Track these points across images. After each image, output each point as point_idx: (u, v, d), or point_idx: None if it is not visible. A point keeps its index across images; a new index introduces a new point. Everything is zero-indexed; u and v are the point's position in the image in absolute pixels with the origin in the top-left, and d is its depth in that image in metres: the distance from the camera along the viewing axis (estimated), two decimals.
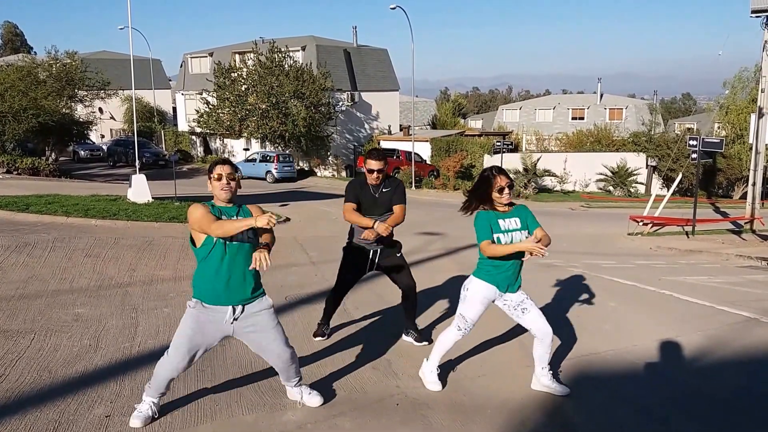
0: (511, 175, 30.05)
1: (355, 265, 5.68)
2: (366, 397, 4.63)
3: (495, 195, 4.49)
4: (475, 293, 4.65)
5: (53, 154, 31.53)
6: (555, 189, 34.25)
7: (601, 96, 59.30)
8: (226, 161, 4.21)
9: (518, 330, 6.23)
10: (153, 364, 5.03)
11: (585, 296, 7.89)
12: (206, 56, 44.33)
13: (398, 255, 5.73)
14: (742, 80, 33.21)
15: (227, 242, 3.94)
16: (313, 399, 4.42)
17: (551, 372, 4.77)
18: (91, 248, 9.07)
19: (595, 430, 4.26)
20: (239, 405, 4.38)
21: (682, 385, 5.07)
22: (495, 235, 4.48)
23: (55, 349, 5.26)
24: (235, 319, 4.01)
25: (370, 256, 5.62)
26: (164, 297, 7.09)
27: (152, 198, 15.07)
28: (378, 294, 7.55)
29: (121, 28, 35.02)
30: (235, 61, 39.06)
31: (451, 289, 7.98)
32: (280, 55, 35.71)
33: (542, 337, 4.63)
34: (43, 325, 5.82)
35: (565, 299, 7.65)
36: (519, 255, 4.50)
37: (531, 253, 4.33)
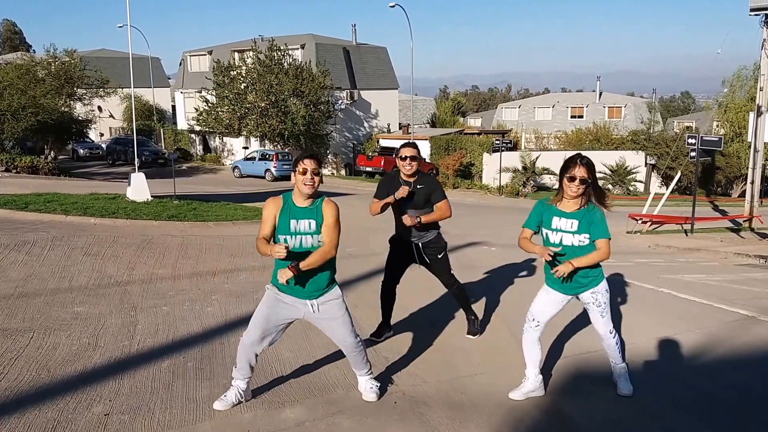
0: (509, 174, 29.63)
1: (398, 256, 5.77)
2: (372, 401, 4.63)
3: (565, 182, 4.32)
4: (542, 294, 4.64)
5: (52, 152, 31.49)
6: (554, 187, 34.22)
7: (600, 94, 59.32)
8: (312, 156, 4.23)
9: (517, 329, 6.24)
10: (152, 363, 5.07)
11: None
12: (205, 54, 44.30)
13: (439, 256, 5.74)
14: (741, 78, 33.21)
15: (291, 245, 4.09)
16: (369, 394, 4.53)
17: (623, 369, 4.77)
18: (90, 247, 9.07)
19: (592, 428, 4.27)
20: (232, 405, 4.38)
21: (680, 382, 5.08)
22: (544, 231, 4.42)
23: (54, 348, 5.26)
24: (312, 310, 4.28)
25: (413, 249, 5.68)
26: (163, 295, 7.09)
27: (151, 196, 15.05)
28: (377, 292, 7.54)
29: (120, 26, 34.91)
30: (234, 59, 39.01)
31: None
32: (279, 53, 35.68)
33: (600, 337, 4.66)
34: (42, 324, 5.83)
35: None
36: (572, 256, 4.33)
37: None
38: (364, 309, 6.78)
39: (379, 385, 4.60)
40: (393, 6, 32.78)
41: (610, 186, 35.40)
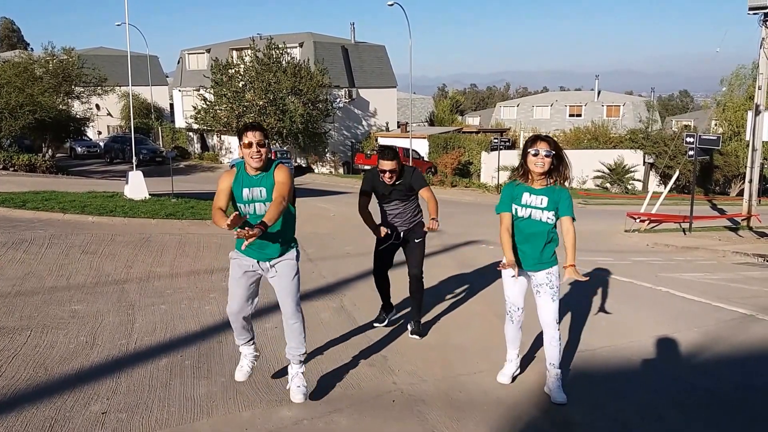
0: (508, 172, 29.74)
1: (386, 241, 5.83)
2: (362, 393, 4.63)
3: (530, 158, 4.35)
4: (505, 270, 4.55)
5: (50, 150, 31.40)
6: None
7: (599, 93, 59.30)
8: (256, 126, 4.15)
9: None
10: (149, 361, 5.06)
11: (581, 293, 7.89)
12: (203, 52, 44.25)
13: (417, 240, 5.82)
14: (740, 77, 33.27)
15: (245, 212, 4.21)
16: (297, 395, 4.31)
17: (560, 375, 4.64)
18: (88, 245, 9.05)
19: (590, 426, 4.27)
20: (235, 401, 4.38)
21: (678, 381, 5.07)
22: (514, 206, 4.43)
23: (51, 346, 5.25)
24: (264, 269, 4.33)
25: (393, 235, 5.81)
26: (161, 294, 7.08)
27: (149, 195, 15.02)
28: (375, 290, 7.53)
29: (118, 25, 34.93)
30: (232, 57, 38.99)
31: (448, 285, 7.99)
32: (277, 51, 35.67)
33: (543, 327, 4.58)
34: (39, 322, 5.81)
35: (561, 295, 7.63)
36: (539, 232, 4.41)
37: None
38: (363, 307, 6.77)
39: (305, 385, 4.40)
40: (392, 4, 32.73)
41: (608, 185, 35.42)
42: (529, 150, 4.37)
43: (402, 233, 5.81)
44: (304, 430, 4.05)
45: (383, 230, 5.74)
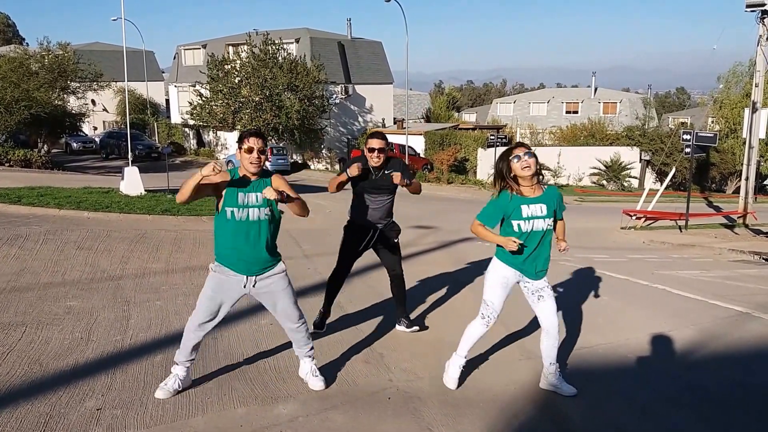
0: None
1: (356, 242, 5.68)
2: (358, 390, 4.63)
3: (514, 166, 4.25)
4: (494, 274, 4.52)
5: (45, 146, 31.36)
6: (548, 183, 34.27)
7: (596, 90, 59.30)
8: (258, 133, 4.23)
9: (512, 325, 6.24)
10: (145, 358, 5.05)
11: (577, 290, 7.90)
12: (199, 48, 44.13)
13: (395, 240, 5.74)
14: (736, 75, 33.26)
15: (238, 217, 4.15)
16: (316, 382, 4.53)
17: (560, 370, 4.69)
18: (84, 241, 9.02)
19: (586, 423, 4.27)
20: (231, 398, 4.37)
21: (674, 378, 5.08)
22: (515, 222, 4.31)
23: (46, 342, 5.23)
24: (252, 285, 4.30)
25: (370, 234, 5.64)
26: (156, 290, 7.06)
27: (145, 190, 15.00)
28: (371, 287, 7.54)
29: (114, 20, 34.84)
30: (228, 53, 38.89)
31: (444, 282, 7.99)
32: (273, 47, 35.56)
33: (548, 328, 4.52)
34: (34, 318, 5.79)
35: (558, 293, 7.65)
36: (540, 240, 4.36)
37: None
38: (359, 304, 6.77)
39: (320, 373, 4.61)
40: (388, 0, 32.66)
41: (604, 182, 35.45)
42: (511, 159, 4.26)
43: (379, 230, 5.65)
44: (299, 426, 4.03)
45: (356, 166, 5.36)
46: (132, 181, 14.99)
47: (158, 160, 33.53)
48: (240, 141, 4.18)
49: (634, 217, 17.68)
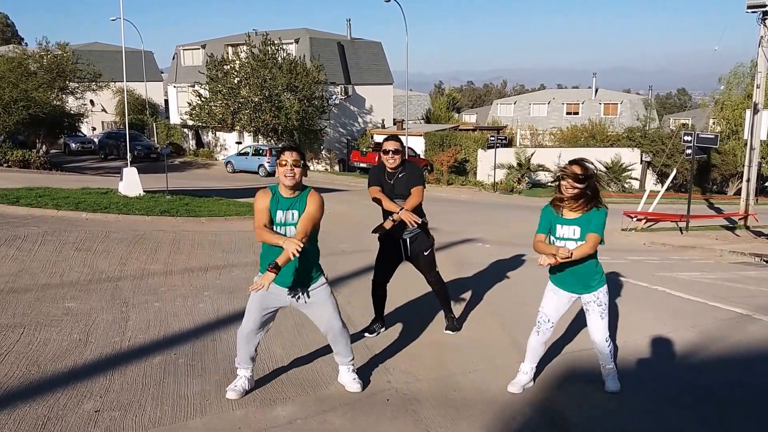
0: (504, 170, 29.71)
1: (389, 254, 5.74)
2: (356, 391, 4.60)
3: (562, 183, 4.31)
4: (548, 285, 4.67)
5: (44, 146, 31.33)
6: (549, 184, 34.26)
7: (596, 91, 59.29)
8: (294, 148, 4.38)
9: (511, 327, 6.23)
10: (143, 359, 5.03)
11: None
12: (199, 48, 44.10)
13: (425, 253, 5.72)
14: (738, 76, 33.25)
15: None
16: (354, 385, 4.58)
17: (614, 371, 4.75)
18: (82, 242, 9.00)
19: (586, 425, 4.25)
20: (229, 400, 4.35)
21: (674, 380, 5.06)
22: (551, 238, 4.46)
23: (44, 344, 5.21)
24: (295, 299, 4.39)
25: (400, 245, 5.67)
26: (155, 291, 7.04)
27: (143, 191, 14.94)
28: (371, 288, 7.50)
29: (113, 20, 34.85)
30: (227, 53, 38.87)
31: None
32: (273, 47, 35.55)
33: (593, 343, 4.66)
34: (32, 320, 5.77)
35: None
36: (578, 262, 4.37)
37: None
38: (357, 305, 6.74)
39: (359, 378, 4.66)
40: (388, 1, 32.65)
41: (605, 183, 35.43)
42: (563, 177, 4.32)
43: (408, 242, 5.64)
44: (297, 428, 4.02)
45: (389, 222, 5.43)
46: (131, 182, 14.94)
47: (157, 160, 33.49)
48: (277, 156, 4.32)
49: (634, 219, 17.66)
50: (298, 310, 4.54)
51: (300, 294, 4.37)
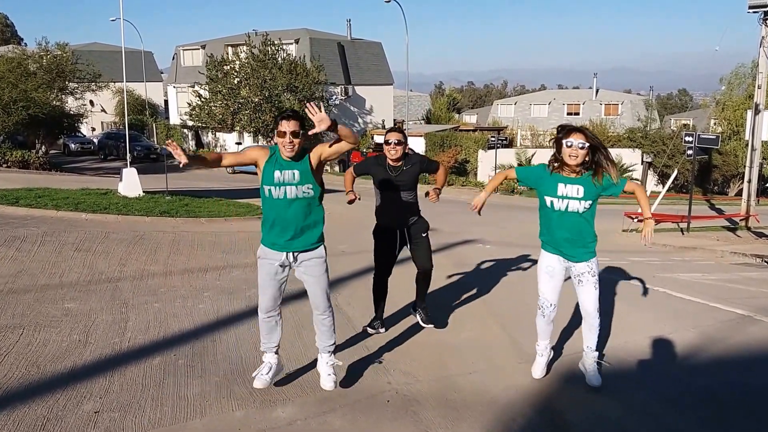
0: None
1: (387, 245, 5.68)
2: (356, 393, 4.60)
3: (564, 150, 4.31)
4: (540, 264, 4.63)
5: (43, 146, 31.31)
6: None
7: (597, 91, 59.27)
8: (293, 115, 4.21)
9: (511, 327, 6.21)
10: (143, 360, 5.01)
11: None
12: (198, 49, 44.13)
13: (423, 235, 5.71)
14: (739, 76, 33.28)
15: (276, 195, 4.13)
16: (327, 382, 4.43)
17: (597, 357, 4.76)
18: (81, 242, 8.99)
19: (586, 426, 4.23)
20: (229, 401, 4.34)
21: (675, 381, 5.05)
22: (548, 198, 4.41)
23: (44, 344, 5.20)
24: (288, 265, 4.28)
25: (398, 236, 5.65)
26: (155, 292, 7.02)
27: (143, 192, 14.95)
28: (370, 289, 7.48)
29: (112, 20, 34.92)
30: (227, 53, 38.89)
31: (444, 285, 7.95)
32: (273, 47, 35.58)
33: (584, 315, 4.66)
34: (32, 320, 5.76)
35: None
36: (577, 222, 4.42)
37: None
38: (357, 306, 6.73)
39: (335, 373, 4.54)
40: (388, 1, 32.66)
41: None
42: (563, 141, 4.33)
43: (407, 228, 5.64)
44: (297, 430, 4.01)
45: (352, 195, 5.58)
46: (130, 183, 14.94)
47: (157, 161, 33.47)
48: (275, 123, 4.16)
49: (635, 220, 17.63)
50: (297, 278, 4.45)
51: (290, 256, 4.23)
